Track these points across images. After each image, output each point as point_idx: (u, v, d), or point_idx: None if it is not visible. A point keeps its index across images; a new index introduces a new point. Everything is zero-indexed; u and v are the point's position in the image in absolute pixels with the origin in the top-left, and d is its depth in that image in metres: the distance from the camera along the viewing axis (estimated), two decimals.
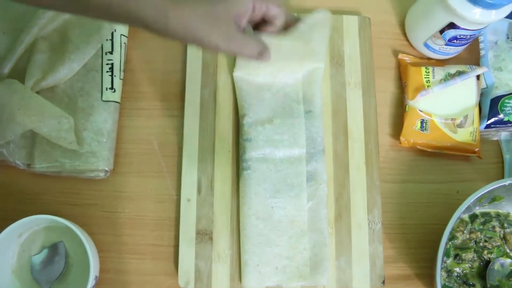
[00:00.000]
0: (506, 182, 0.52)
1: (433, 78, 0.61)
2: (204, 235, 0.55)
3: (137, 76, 0.61)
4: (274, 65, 0.58)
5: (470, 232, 0.57)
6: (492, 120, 0.61)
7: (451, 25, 0.57)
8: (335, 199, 0.57)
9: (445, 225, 0.50)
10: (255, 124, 0.57)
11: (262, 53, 0.46)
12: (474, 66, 0.62)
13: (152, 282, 0.56)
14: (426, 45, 0.63)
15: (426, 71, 0.62)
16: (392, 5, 0.67)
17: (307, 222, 0.55)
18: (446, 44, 0.61)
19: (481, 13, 0.54)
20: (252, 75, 0.59)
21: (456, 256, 0.56)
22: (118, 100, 0.59)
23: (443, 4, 0.56)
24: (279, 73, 0.59)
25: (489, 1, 0.52)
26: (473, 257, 0.56)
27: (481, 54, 0.64)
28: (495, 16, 0.55)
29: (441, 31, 0.59)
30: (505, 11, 0.55)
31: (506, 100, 0.61)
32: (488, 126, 0.61)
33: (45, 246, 0.54)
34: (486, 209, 0.58)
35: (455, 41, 0.60)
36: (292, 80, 0.59)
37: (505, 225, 0.57)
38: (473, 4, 0.54)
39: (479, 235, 0.57)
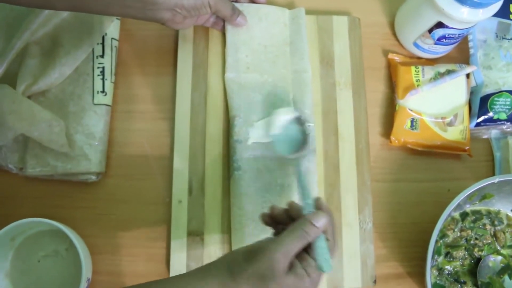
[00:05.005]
0: (496, 179, 0.53)
1: (423, 77, 0.62)
2: (195, 236, 0.55)
3: (128, 79, 0.62)
4: (263, 66, 0.59)
5: (461, 230, 0.57)
6: (482, 118, 0.61)
7: (439, 25, 0.58)
8: (326, 199, 0.57)
9: (436, 223, 0.51)
10: (245, 125, 0.57)
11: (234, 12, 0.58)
12: (463, 65, 0.62)
13: None
14: (415, 44, 0.63)
15: (416, 70, 0.62)
16: (381, 6, 0.67)
17: None
18: (435, 43, 0.61)
19: (468, 12, 0.55)
20: (242, 76, 0.59)
21: (447, 254, 0.56)
22: (110, 103, 0.59)
23: (431, 4, 0.56)
24: (269, 74, 0.59)
25: (476, 0, 0.53)
26: (464, 254, 0.56)
27: (470, 53, 0.64)
28: (483, 14, 0.55)
29: (430, 31, 0.59)
30: (492, 9, 0.55)
31: (496, 98, 0.61)
32: (478, 124, 0.61)
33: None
34: (477, 207, 0.58)
35: (444, 40, 0.60)
36: (282, 83, 0.59)
37: (496, 222, 0.57)
38: (460, 3, 0.54)
39: (470, 233, 0.57)
